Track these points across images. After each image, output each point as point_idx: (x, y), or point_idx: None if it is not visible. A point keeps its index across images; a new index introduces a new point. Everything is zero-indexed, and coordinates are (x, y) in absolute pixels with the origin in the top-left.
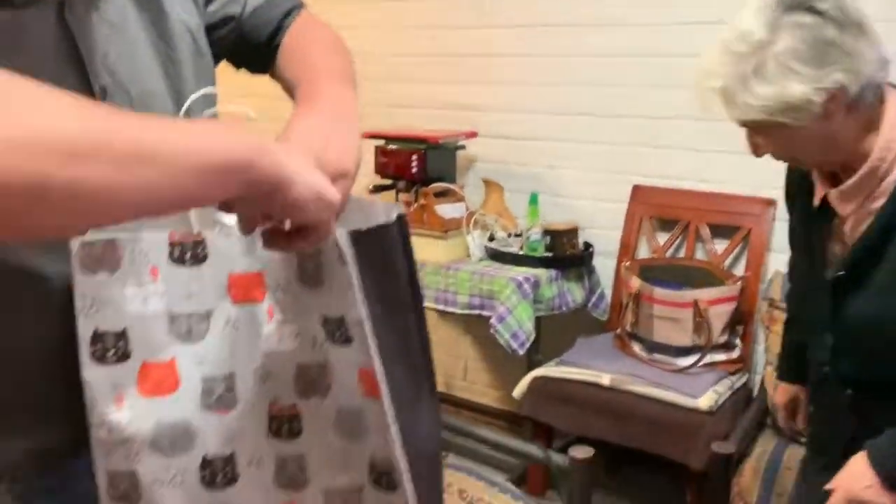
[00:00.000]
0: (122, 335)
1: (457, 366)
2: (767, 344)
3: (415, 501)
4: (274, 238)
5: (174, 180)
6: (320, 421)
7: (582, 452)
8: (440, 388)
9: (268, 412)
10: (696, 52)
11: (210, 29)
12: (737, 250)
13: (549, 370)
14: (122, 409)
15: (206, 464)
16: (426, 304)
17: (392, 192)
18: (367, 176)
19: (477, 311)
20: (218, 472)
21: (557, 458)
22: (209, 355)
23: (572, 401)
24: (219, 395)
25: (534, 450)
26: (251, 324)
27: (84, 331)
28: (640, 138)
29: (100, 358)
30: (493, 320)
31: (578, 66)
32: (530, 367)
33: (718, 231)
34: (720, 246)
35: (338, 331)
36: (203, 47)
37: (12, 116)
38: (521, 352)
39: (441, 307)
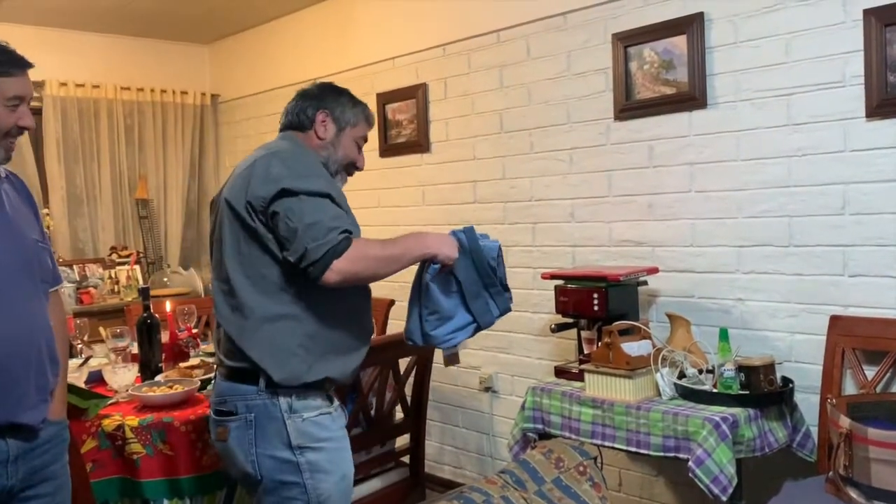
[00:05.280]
0: None
1: None
2: None
3: None
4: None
5: (403, 264)
6: None
7: None
8: None
9: None
10: (878, 179)
11: None
12: None
13: None
14: None
15: None
16: (617, 445)
17: (574, 331)
18: (549, 314)
19: (672, 454)
20: None
21: None
22: None
23: None
24: None
25: None
26: None
27: None
28: (831, 267)
29: None
30: (691, 463)
31: (754, 199)
32: None
33: None
34: None
35: None
36: None
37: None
38: (724, 497)
39: (633, 449)
